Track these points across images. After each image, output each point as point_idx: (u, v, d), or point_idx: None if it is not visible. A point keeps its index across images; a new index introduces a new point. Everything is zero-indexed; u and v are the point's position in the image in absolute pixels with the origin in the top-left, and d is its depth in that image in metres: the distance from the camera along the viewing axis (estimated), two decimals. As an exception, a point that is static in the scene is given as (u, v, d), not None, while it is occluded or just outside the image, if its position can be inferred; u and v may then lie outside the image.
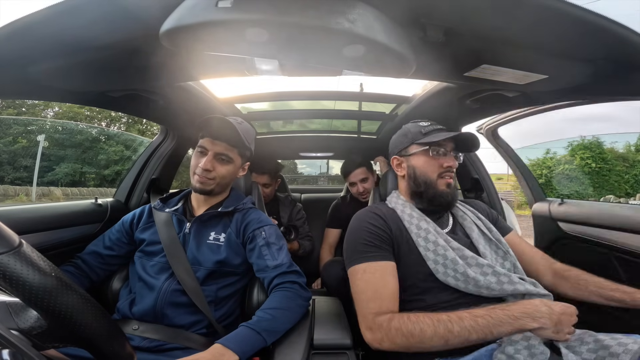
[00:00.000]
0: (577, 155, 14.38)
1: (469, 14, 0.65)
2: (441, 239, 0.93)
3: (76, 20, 0.64)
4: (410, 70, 0.73)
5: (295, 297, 0.94)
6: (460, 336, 0.74)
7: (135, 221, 1.13)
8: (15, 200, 11.56)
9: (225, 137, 1.04)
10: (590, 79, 0.88)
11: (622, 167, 14.32)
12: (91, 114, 19.77)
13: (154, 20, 0.59)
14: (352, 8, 0.55)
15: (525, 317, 0.73)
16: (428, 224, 0.97)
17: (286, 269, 0.98)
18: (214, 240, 1.04)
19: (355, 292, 0.91)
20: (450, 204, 1.03)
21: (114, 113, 16.60)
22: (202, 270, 1.00)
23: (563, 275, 0.98)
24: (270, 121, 2.11)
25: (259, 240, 1.03)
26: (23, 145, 14.10)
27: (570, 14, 0.61)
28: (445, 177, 1.01)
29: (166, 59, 0.86)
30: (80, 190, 13.68)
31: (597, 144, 14.57)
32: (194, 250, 1.02)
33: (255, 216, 1.10)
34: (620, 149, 15.13)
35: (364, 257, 0.92)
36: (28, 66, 0.80)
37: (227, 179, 1.09)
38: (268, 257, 1.00)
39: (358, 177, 1.93)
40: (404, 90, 1.54)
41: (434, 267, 0.89)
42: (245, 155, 1.12)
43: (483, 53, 0.80)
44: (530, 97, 1.12)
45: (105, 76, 0.96)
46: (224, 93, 1.50)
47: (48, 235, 1.18)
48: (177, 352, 0.89)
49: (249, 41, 0.62)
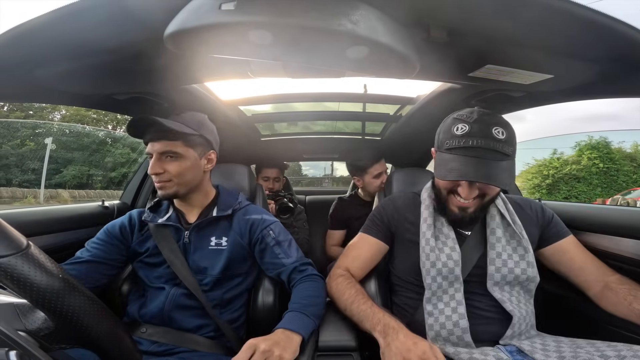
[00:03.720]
0: (584, 155, 14.18)
1: (472, 14, 0.64)
2: (446, 252, 0.94)
3: (81, 24, 0.65)
4: (414, 71, 0.72)
5: (321, 288, 0.99)
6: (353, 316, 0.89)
7: (127, 231, 1.04)
8: (23, 203, 11.71)
9: (160, 133, 0.96)
10: (596, 78, 0.87)
11: (630, 167, 14.11)
12: (98, 116, 19.94)
13: (158, 23, 0.60)
14: (355, 9, 0.55)
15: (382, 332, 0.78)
16: (439, 235, 0.98)
17: (300, 263, 1.03)
18: (216, 245, 1.01)
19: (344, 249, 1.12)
20: (461, 223, 0.96)
21: (120, 115, 16.78)
22: (209, 278, 0.99)
23: (614, 288, 0.88)
24: (275, 123, 2.12)
25: (268, 240, 1.02)
26: (31, 148, 14.27)
27: (575, 14, 0.61)
28: (456, 198, 0.92)
29: (170, 61, 0.86)
30: (87, 193, 13.81)
31: (605, 143, 14.36)
32: (197, 259, 0.99)
33: (258, 215, 1.07)
34: (628, 149, 14.97)
35: (364, 229, 1.12)
36: (35, 69, 0.81)
37: (186, 175, 0.99)
38: (282, 256, 1.02)
39: (384, 167, 1.91)
40: (408, 91, 1.54)
41: (427, 268, 0.94)
42: (197, 143, 1.01)
43: (487, 53, 0.80)
44: (536, 97, 1.11)
45: (110, 79, 0.97)
46: (228, 95, 1.51)
47: (55, 238, 1.19)
48: (184, 354, 0.89)
49: (253, 43, 0.63)
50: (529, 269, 0.91)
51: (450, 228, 0.97)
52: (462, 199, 0.90)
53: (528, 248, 0.92)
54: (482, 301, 0.91)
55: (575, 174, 13.92)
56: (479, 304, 0.91)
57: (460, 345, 0.85)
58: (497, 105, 1.28)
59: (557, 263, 0.99)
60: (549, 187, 14.31)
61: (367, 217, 1.15)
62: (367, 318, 0.83)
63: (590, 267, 0.94)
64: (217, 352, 0.94)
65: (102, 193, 14.28)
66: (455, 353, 0.81)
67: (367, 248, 1.08)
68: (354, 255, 1.08)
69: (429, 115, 1.50)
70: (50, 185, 13.76)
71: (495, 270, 0.90)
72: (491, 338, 0.88)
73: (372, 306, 0.87)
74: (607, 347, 0.74)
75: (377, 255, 1.08)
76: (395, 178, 1.37)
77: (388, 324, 0.79)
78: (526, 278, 0.91)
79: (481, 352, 0.77)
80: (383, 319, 0.81)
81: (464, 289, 0.90)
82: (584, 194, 13.74)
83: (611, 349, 0.72)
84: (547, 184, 14.36)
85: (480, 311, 0.90)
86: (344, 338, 0.87)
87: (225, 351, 0.95)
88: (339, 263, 1.07)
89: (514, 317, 0.86)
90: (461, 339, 0.85)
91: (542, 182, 14.53)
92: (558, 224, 1.01)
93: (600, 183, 13.85)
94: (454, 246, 0.93)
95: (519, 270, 0.90)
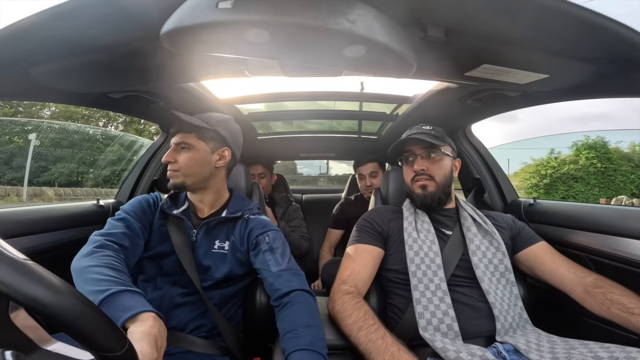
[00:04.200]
0: (582, 154, 14.21)
1: (469, 13, 0.64)
2: (427, 244, 1.02)
3: (76, 22, 0.64)
4: (411, 70, 0.73)
5: (316, 310, 0.89)
6: (359, 344, 0.80)
7: (152, 209, 1.05)
8: (5, 201, 11.51)
9: (179, 126, 1.02)
10: (592, 78, 0.88)
11: (627, 167, 14.15)
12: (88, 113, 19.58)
13: (154, 21, 0.59)
14: (352, 8, 0.55)
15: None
16: (421, 230, 1.05)
17: (289, 275, 0.94)
18: (219, 249, 1.01)
19: (342, 263, 1.06)
20: (428, 205, 1.09)
21: (111, 113, 16.60)
22: (210, 280, 0.98)
23: (590, 292, 0.91)
24: (271, 122, 2.12)
25: (262, 245, 1.00)
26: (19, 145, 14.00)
27: (570, 13, 0.61)
28: (417, 181, 1.10)
29: (166, 60, 0.86)
30: (74, 191, 13.48)
31: (602, 143, 14.40)
32: (202, 259, 0.99)
33: (259, 221, 1.06)
34: (625, 149, 15.05)
35: (357, 240, 1.09)
36: (30, 68, 0.80)
37: (194, 166, 1.00)
38: (272, 263, 0.96)
39: (368, 170, 2.03)
40: (405, 90, 1.54)
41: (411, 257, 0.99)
42: (210, 137, 1.03)
43: (484, 53, 0.80)
44: (531, 97, 1.12)
45: (106, 78, 0.96)
46: (225, 94, 1.50)
47: (50, 237, 1.18)
48: (180, 356, 0.89)
49: (250, 42, 0.62)
50: (505, 259, 1.00)
51: (430, 225, 1.07)
52: (419, 175, 1.08)
53: (500, 242, 1.02)
54: (470, 295, 0.95)
55: (573, 174, 13.98)
56: (467, 299, 0.94)
57: (449, 336, 0.86)
58: (493, 104, 1.28)
59: (532, 267, 1.05)
60: (546, 186, 14.39)
61: (354, 227, 1.16)
62: (378, 352, 0.75)
63: (561, 269, 0.99)
64: (213, 353, 0.93)
65: (89, 191, 13.85)
66: (443, 349, 0.79)
67: (368, 257, 1.05)
68: (360, 266, 1.02)
69: (425, 115, 1.50)
70: (39, 183, 13.50)
71: (478, 261, 0.98)
72: (484, 334, 0.90)
73: (384, 336, 0.78)
74: (599, 349, 0.75)
75: (378, 262, 1.06)
76: (391, 177, 1.38)
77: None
78: (505, 268, 0.99)
79: (468, 352, 0.77)
80: (398, 356, 0.73)
81: (453, 284, 0.96)
82: (582, 194, 13.80)
83: (604, 350, 0.73)
84: (544, 183, 14.45)
85: (468, 306, 0.93)
86: (340, 336, 0.87)
87: (221, 351, 0.95)
88: (344, 277, 1.00)
89: (495, 309, 0.90)
90: (451, 327, 0.87)
91: (540, 181, 14.62)
92: (529, 232, 1.11)
93: (597, 183, 13.90)
94: (433, 239, 1.03)
95: (497, 261, 0.99)
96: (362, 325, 0.82)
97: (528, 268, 1.07)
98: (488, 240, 1.03)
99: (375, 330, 0.80)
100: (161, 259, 1.00)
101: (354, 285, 0.97)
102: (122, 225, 0.93)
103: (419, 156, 1.09)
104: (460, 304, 0.92)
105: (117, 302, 0.63)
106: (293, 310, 0.85)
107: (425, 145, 1.09)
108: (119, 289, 0.66)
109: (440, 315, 0.89)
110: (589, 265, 1.07)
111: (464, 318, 0.90)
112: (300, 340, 0.77)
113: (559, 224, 1.22)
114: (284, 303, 0.88)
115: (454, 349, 0.78)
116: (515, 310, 0.94)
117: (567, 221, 1.19)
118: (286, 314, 0.85)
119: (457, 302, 0.93)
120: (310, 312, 0.86)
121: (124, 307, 0.62)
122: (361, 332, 0.81)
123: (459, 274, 0.98)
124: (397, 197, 1.32)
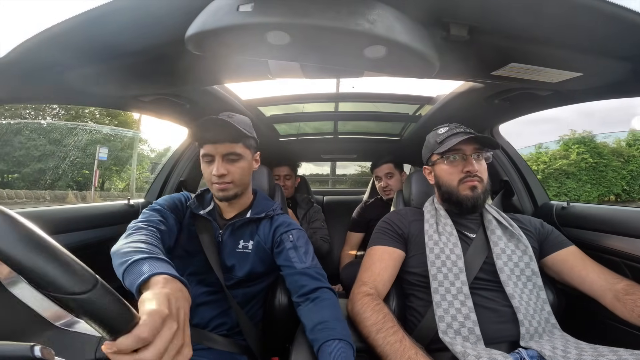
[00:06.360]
0: (572, 149, 13.33)
1: (493, 11, 0.62)
2: (449, 246, 0.99)
3: (107, 27, 0.68)
4: (434, 70, 0.71)
5: (338, 306, 0.89)
6: (377, 347, 0.80)
7: (183, 207, 1.06)
8: None
9: (224, 135, 0.97)
10: (628, 76, 0.83)
11: (617, 163, 13.25)
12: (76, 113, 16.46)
13: (179, 25, 0.61)
14: (371, 9, 0.55)
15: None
16: (443, 232, 1.02)
17: (314, 273, 0.94)
18: (243, 248, 1.02)
19: (362, 265, 1.06)
20: (475, 206, 1.04)
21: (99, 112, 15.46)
22: (234, 279, 1.00)
23: (621, 298, 0.87)
24: (293, 123, 2.13)
25: (286, 243, 1.01)
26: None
27: (601, 11, 0.58)
28: (467, 182, 1.03)
29: (192, 63, 0.88)
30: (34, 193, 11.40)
31: (590, 138, 13.64)
32: (226, 259, 1.01)
33: (283, 220, 1.07)
34: (612, 144, 14.08)
35: (377, 242, 1.08)
36: (64, 72, 0.85)
37: (245, 177, 1.03)
38: (295, 260, 0.97)
39: (384, 171, 2.04)
40: (427, 91, 1.51)
41: (431, 260, 0.97)
42: (251, 145, 1.04)
43: (511, 51, 0.77)
44: (564, 95, 1.06)
45: (136, 81, 1.00)
46: (247, 96, 1.53)
47: (83, 235, 1.24)
48: (201, 352, 0.91)
49: (270, 44, 0.63)
50: (532, 262, 0.96)
51: (452, 227, 1.04)
52: (470, 176, 1.02)
53: (527, 245, 0.98)
54: (493, 299, 0.93)
55: (565, 169, 13.04)
56: (491, 303, 0.92)
57: (470, 340, 0.84)
58: (522, 104, 1.23)
59: (560, 272, 1.01)
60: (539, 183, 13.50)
61: (374, 229, 1.14)
62: (395, 355, 0.75)
63: (592, 275, 0.94)
64: (233, 351, 0.95)
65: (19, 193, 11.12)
66: (463, 354, 0.78)
67: (389, 258, 1.04)
68: (381, 268, 1.01)
69: (450, 115, 1.46)
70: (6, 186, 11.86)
71: (503, 264, 0.95)
72: (508, 339, 0.87)
73: (402, 339, 0.78)
74: (629, 356, 0.72)
75: (399, 265, 1.05)
76: (414, 179, 1.35)
77: None
78: (531, 272, 0.95)
79: (490, 357, 0.75)
80: (415, 359, 0.73)
81: (476, 287, 0.94)
82: (574, 191, 12.85)
83: (634, 357, 0.71)
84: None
85: (491, 310, 0.91)
86: (358, 339, 0.86)
87: (241, 350, 0.96)
88: (364, 279, 1.00)
89: (519, 313, 0.86)
90: (472, 331, 0.85)
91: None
92: (557, 236, 1.07)
93: (589, 179, 13.02)
94: (456, 242, 1.00)
95: (523, 264, 0.96)
96: (381, 327, 0.82)
97: (556, 273, 1.02)
98: (514, 244, 1.00)
99: (394, 333, 0.80)
100: (189, 258, 1.02)
101: (374, 287, 0.96)
102: (158, 214, 0.96)
103: (471, 156, 1.04)
104: (483, 308, 0.90)
105: (135, 269, 0.62)
106: (323, 305, 0.87)
107: (478, 146, 1.04)
108: (140, 257, 0.65)
109: (461, 319, 0.86)
110: (625, 271, 1.01)
111: (487, 322, 0.87)
112: (335, 331, 0.78)
113: (593, 228, 1.16)
114: (311, 298, 0.89)
115: (475, 353, 0.77)
116: (542, 315, 0.91)
117: (602, 225, 1.13)
118: (316, 308, 0.86)
119: (480, 306, 0.90)
120: (338, 309, 0.87)
121: (140, 273, 0.60)
122: (379, 334, 0.81)
123: (482, 277, 0.96)
124: (419, 200, 1.30)
